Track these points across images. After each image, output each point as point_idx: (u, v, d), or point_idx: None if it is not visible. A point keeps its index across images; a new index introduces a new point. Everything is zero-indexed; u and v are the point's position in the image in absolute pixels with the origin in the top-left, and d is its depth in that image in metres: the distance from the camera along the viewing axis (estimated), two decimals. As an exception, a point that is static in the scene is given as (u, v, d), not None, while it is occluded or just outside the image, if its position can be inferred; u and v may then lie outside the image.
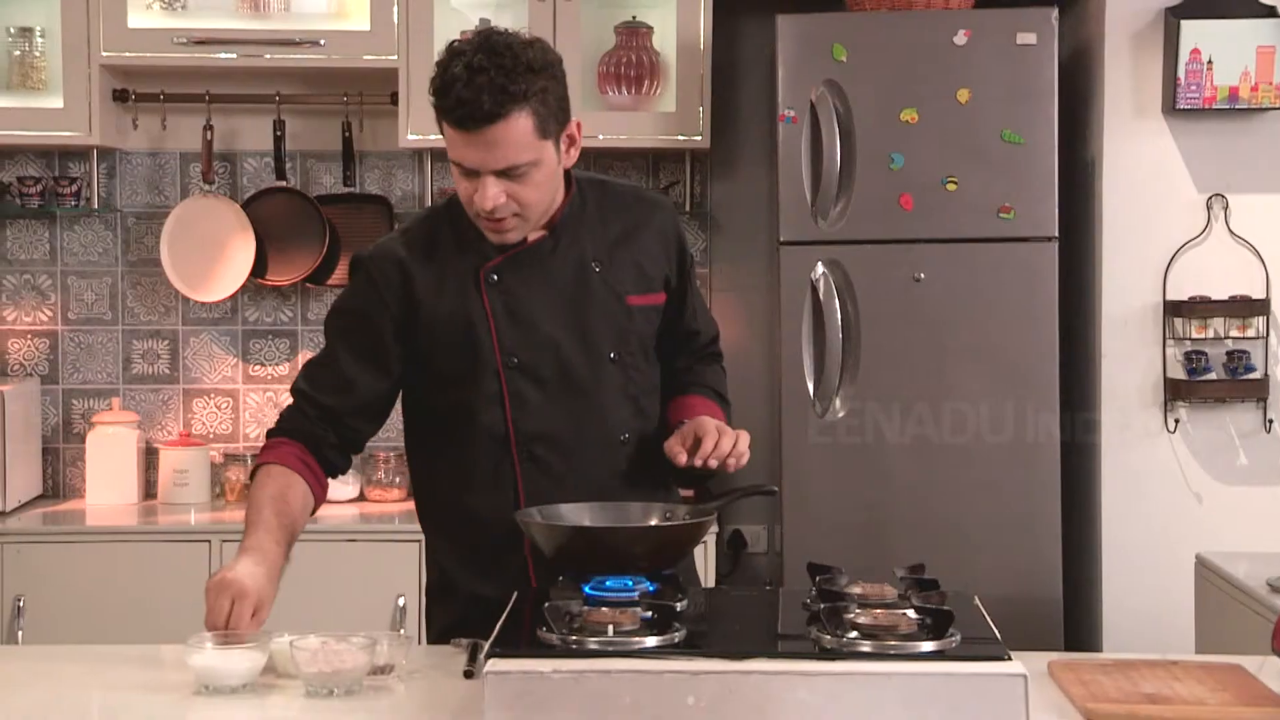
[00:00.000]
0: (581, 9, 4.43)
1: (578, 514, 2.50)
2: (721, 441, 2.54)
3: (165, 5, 4.49)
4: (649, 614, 2.19)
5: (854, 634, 2.13)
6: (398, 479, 4.66)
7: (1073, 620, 4.28)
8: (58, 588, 4.21)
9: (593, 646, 2.11)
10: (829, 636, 2.13)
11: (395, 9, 4.43)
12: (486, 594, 2.52)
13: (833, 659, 2.07)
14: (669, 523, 2.50)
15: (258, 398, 4.77)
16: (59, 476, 4.76)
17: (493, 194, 2.50)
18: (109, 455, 4.59)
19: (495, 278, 2.62)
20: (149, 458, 4.69)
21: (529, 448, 2.62)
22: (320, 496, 2.65)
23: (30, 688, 2.39)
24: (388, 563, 4.26)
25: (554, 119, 2.52)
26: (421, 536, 4.13)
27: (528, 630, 2.19)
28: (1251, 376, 4.19)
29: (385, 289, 2.62)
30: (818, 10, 4.30)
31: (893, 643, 2.11)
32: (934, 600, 2.23)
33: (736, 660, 2.07)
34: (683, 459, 2.55)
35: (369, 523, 4.42)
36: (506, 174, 2.50)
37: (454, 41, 2.55)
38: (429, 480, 2.76)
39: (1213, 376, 4.20)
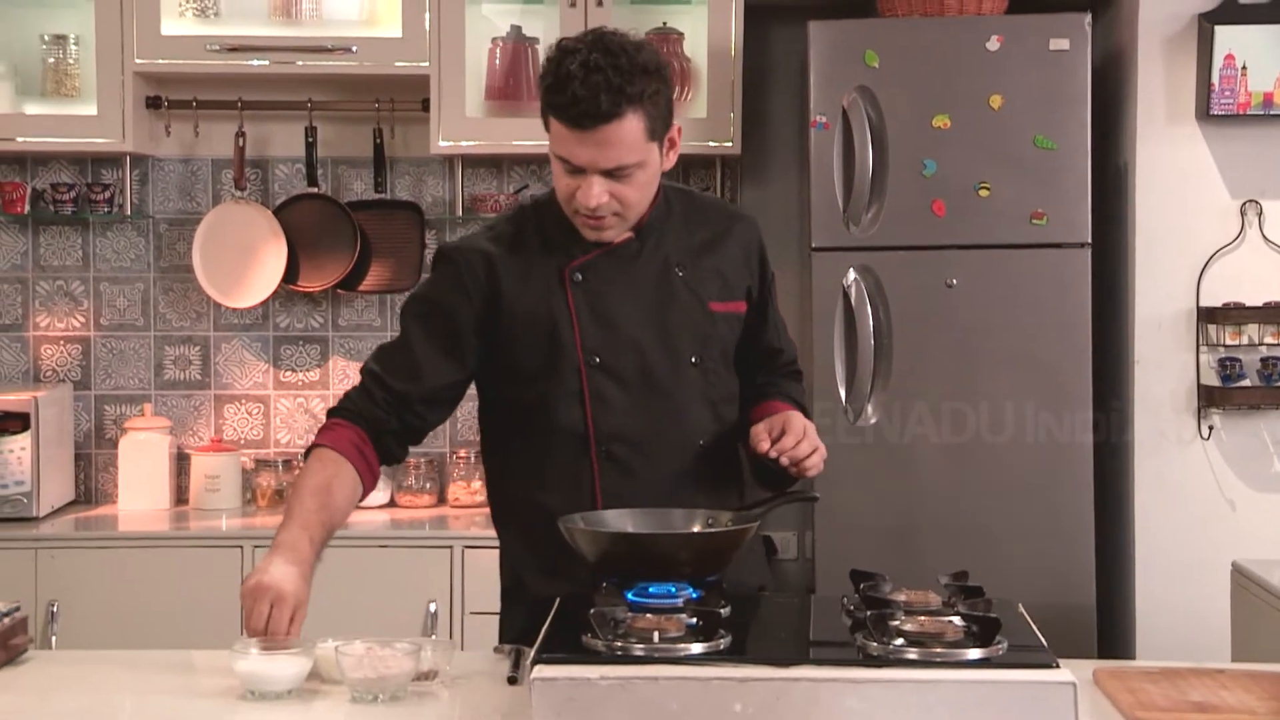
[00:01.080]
0: (613, 15, 4.43)
1: (621, 520, 2.51)
2: (802, 444, 2.54)
3: (198, 12, 4.51)
4: (694, 620, 2.19)
5: (900, 641, 2.12)
6: (428, 485, 4.67)
7: (1106, 627, 4.27)
8: (90, 593, 4.21)
9: (639, 653, 2.11)
10: (875, 644, 2.13)
11: (427, 16, 4.43)
12: (560, 596, 2.48)
13: (880, 666, 2.07)
14: (711, 529, 2.50)
15: (289, 403, 4.78)
16: (91, 482, 4.78)
17: (597, 193, 2.51)
18: (141, 461, 4.60)
19: (580, 277, 2.63)
20: (180, 463, 4.70)
21: (607, 446, 2.61)
22: (370, 486, 2.64)
23: (71, 692, 2.39)
24: (419, 569, 4.25)
25: (662, 121, 2.54)
26: (452, 544, 4.24)
27: (574, 636, 2.19)
28: (1286, 383, 4.18)
29: (469, 281, 2.63)
30: (849, 16, 4.30)
31: (940, 650, 2.10)
32: (979, 607, 2.22)
33: (783, 667, 2.06)
34: (765, 445, 2.54)
35: (400, 529, 4.42)
36: (613, 174, 2.51)
37: (562, 39, 2.57)
38: (503, 480, 2.76)
39: (1247, 383, 4.18)
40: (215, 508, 4.58)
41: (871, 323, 4.15)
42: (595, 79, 2.45)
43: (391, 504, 4.68)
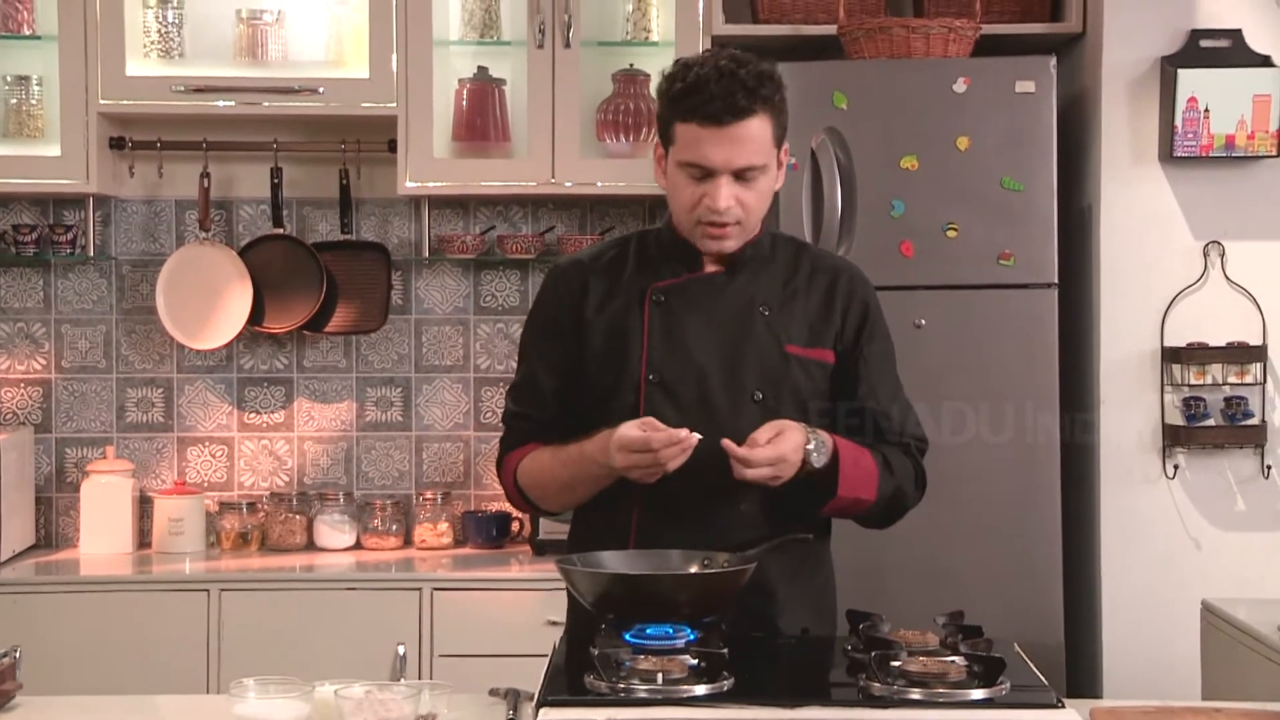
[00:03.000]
0: (580, 57, 4.44)
1: (617, 561, 2.50)
2: (758, 454, 2.51)
3: (163, 53, 4.48)
4: (696, 662, 2.18)
5: (903, 682, 2.13)
6: (394, 526, 4.64)
7: (1073, 666, 4.28)
8: (53, 638, 4.15)
9: (643, 695, 2.11)
10: (878, 684, 2.13)
11: (394, 57, 4.43)
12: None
13: (886, 707, 2.07)
14: (708, 570, 2.49)
15: (253, 445, 4.74)
16: (52, 526, 4.72)
17: (726, 194, 2.57)
18: (103, 504, 4.55)
19: (661, 298, 2.68)
20: (143, 506, 4.65)
21: None
22: None
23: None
24: (386, 612, 4.23)
25: (781, 130, 2.64)
26: (421, 585, 4.23)
27: (576, 678, 2.18)
28: (1249, 423, 4.21)
29: (563, 295, 2.73)
30: (818, 58, 4.33)
31: (943, 690, 2.11)
32: (980, 647, 2.23)
33: (788, 708, 2.06)
34: (733, 447, 2.52)
35: (366, 571, 4.39)
36: (742, 175, 2.58)
37: (678, 58, 2.67)
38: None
39: (1211, 423, 4.22)
40: (179, 551, 4.53)
41: (841, 363, 4.16)
42: (729, 81, 2.55)
43: (357, 546, 4.64)
